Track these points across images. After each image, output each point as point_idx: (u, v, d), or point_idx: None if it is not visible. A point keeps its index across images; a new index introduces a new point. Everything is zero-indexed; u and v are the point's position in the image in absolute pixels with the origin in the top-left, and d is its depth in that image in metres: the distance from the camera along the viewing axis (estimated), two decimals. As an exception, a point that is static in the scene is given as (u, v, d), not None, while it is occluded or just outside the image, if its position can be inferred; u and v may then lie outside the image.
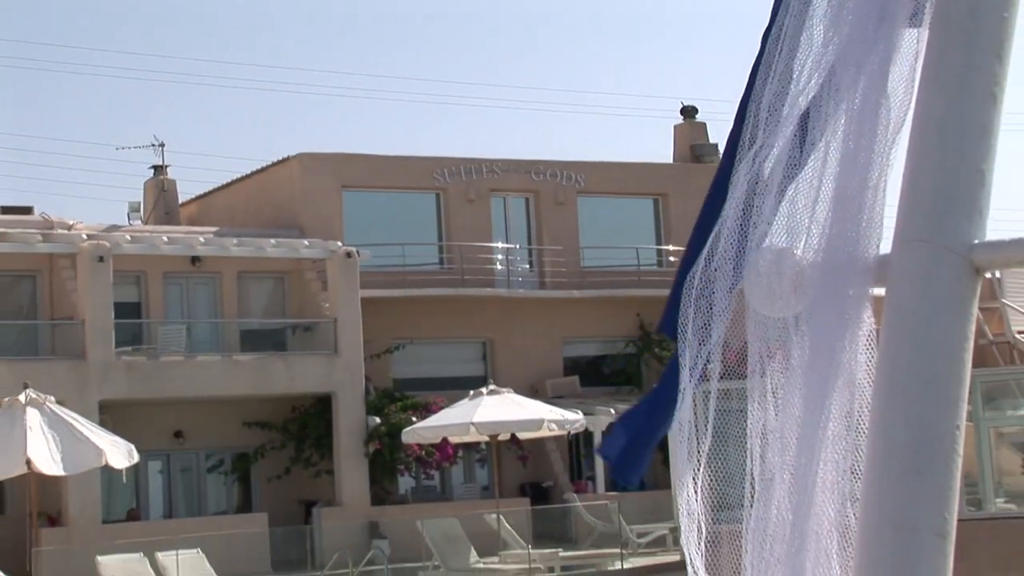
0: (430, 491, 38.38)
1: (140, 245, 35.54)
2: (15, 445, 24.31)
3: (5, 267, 34.91)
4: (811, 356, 2.20)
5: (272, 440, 36.29)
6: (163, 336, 35.40)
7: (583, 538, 32.70)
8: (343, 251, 36.86)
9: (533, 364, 39.86)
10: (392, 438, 35.25)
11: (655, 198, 43.99)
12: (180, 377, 34.61)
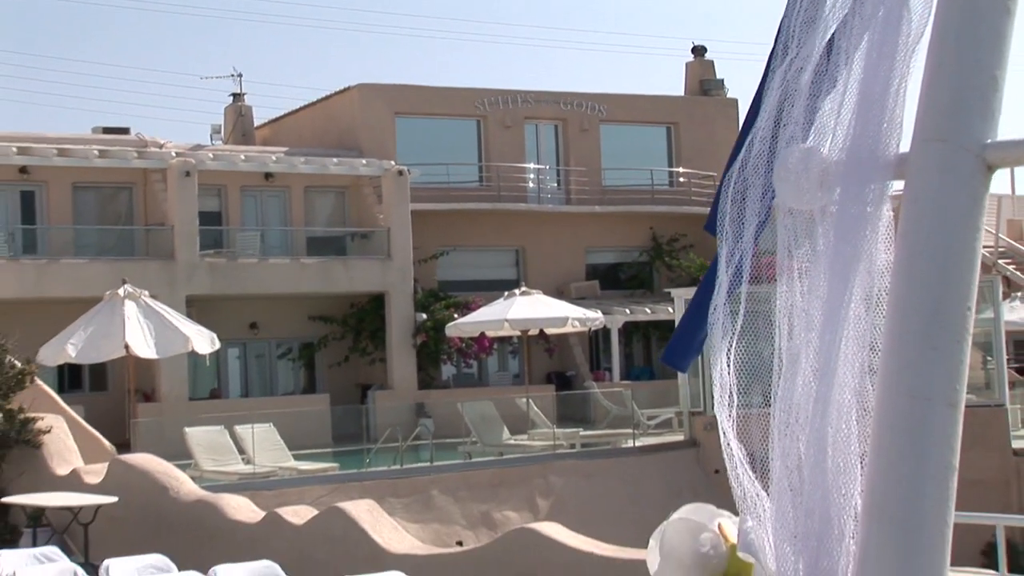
0: (469, 378, 38.54)
1: (221, 162, 35.64)
2: (115, 332, 24.47)
3: (106, 180, 35.07)
4: (835, 243, 2.14)
5: (333, 332, 36.53)
6: (240, 241, 35.51)
7: (600, 420, 32.78)
8: (395, 169, 36.93)
9: (559, 269, 39.98)
10: (437, 332, 35.44)
11: (668, 126, 43.96)
12: (254, 276, 34.76)
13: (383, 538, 16.85)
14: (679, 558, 2.30)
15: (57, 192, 34.35)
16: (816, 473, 2.12)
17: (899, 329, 2.06)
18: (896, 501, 2.04)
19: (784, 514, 2.15)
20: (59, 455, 21.00)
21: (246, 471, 24.20)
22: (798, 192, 2.16)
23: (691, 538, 2.32)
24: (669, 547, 2.33)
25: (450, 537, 22.41)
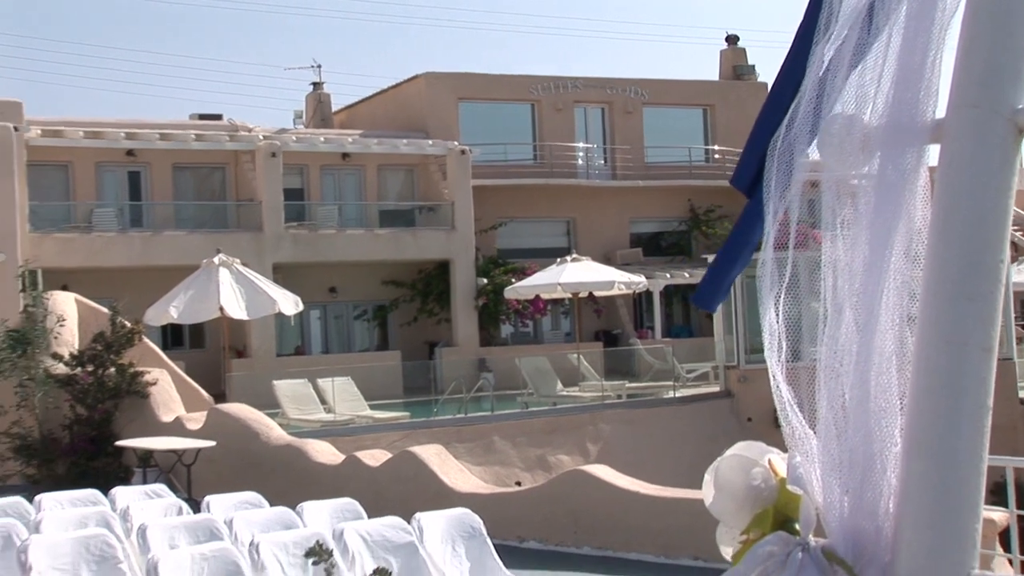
0: (525, 336, 38.56)
1: (303, 144, 35.73)
2: (211, 296, 24.60)
3: (201, 161, 35.24)
4: (876, 203, 2.10)
5: (404, 295, 36.58)
6: (320, 214, 35.63)
7: (643, 373, 32.69)
8: (458, 149, 36.92)
9: (606, 238, 39.87)
10: (496, 295, 35.44)
11: (704, 108, 43.70)
12: (333, 246, 34.87)
13: (450, 479, 16.90)
14: (732, 491, 2.26)
15: (159, 172, 34.57)
16: (860, 413, 2.09)
17: (936, 281, 2.02)
18: (935, 438, 2.00)
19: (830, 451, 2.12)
20: (164, 404, 21.18)
21: (327, 419, 24.31)
22: (841, 156, 2.13)
23: (743, 472, 2.28)
24: (723, 480, 2.30)
25: (509, 478, 22.46)
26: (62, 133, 32.57)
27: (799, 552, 2.11)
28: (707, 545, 10.82)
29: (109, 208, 33.42)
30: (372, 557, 8.59)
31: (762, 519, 2.19)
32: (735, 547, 2.26)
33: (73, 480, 17.39)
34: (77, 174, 33.64)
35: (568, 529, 15.62)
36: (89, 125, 33.53)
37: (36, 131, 31.79)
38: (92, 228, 32.58)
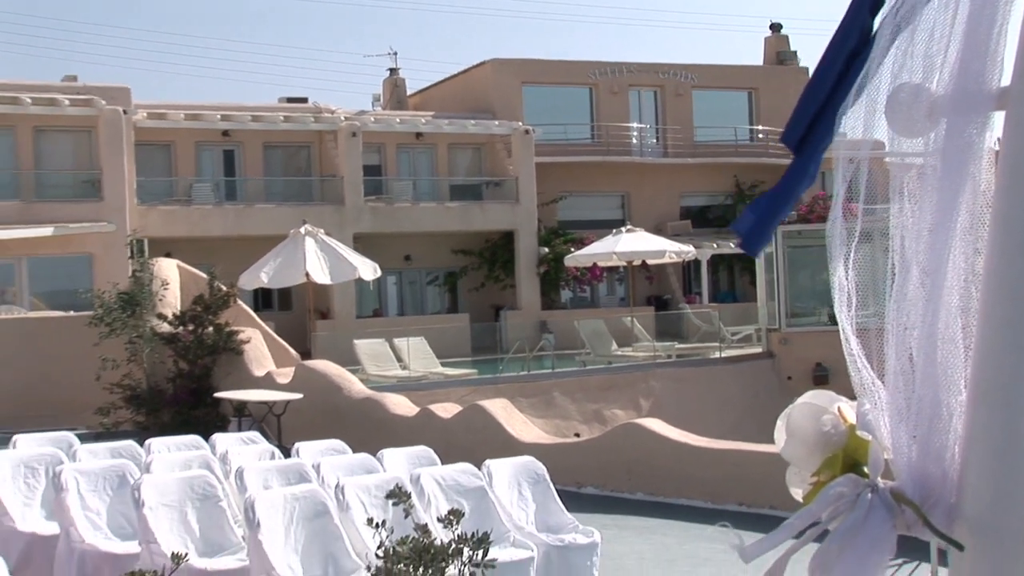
0: (583, 300, 38.53)
1: (380, 124, 35.79)
2: (298, 263, 24.71)
3: (289, 140, 35.42)
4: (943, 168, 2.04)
5: (472, 263, 36.64)
6: (396, 189, 35.72)
7: (691, 335, 32.57)
8: (522, 129, 36.88)
9: (658, 211, 39.73)
10: (557, 262, 35.43)
11: (749, 91, 43.37)
12: (408, 217, 34.96)
13: (515, 430, 16.91)
14: (803, 436, 2.22)
15: (251, 151, 34.79)
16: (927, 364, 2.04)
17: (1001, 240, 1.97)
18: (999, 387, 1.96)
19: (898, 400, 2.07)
20: (256, 360, 21.31)
21: (403, 375, 24.40)
22: (908, 123, 2.07)
23: (814, 419, 2.24)
24: (794, 427, 2.25)
25: (569, 430, 22.45)
26: (165, 115, 32.86)
27: (868, 493, 2.07)
28: (751, 492, 10.81)
29: (207, 183, 33.70)
30: (446, 500, 8.61)
31: (832, 462, 2.15)
32: (805, 489, 2.22)
33: (177, 427, 17.56)
34: (178, 152, 33.92)
35: (623, 477, 15.60)
36: (189, 108, 33.79)
37: (143, 114, 32.11)
38: (192, 201, 32.90)
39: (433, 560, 6.30)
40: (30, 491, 9.61)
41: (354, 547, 7.84)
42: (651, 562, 11.32)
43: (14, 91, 30.55)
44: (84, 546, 8.55)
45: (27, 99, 30.23)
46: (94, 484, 8.98)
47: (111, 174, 30.38)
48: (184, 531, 8.20)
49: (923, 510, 2.01)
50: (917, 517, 2.02)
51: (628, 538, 12.24)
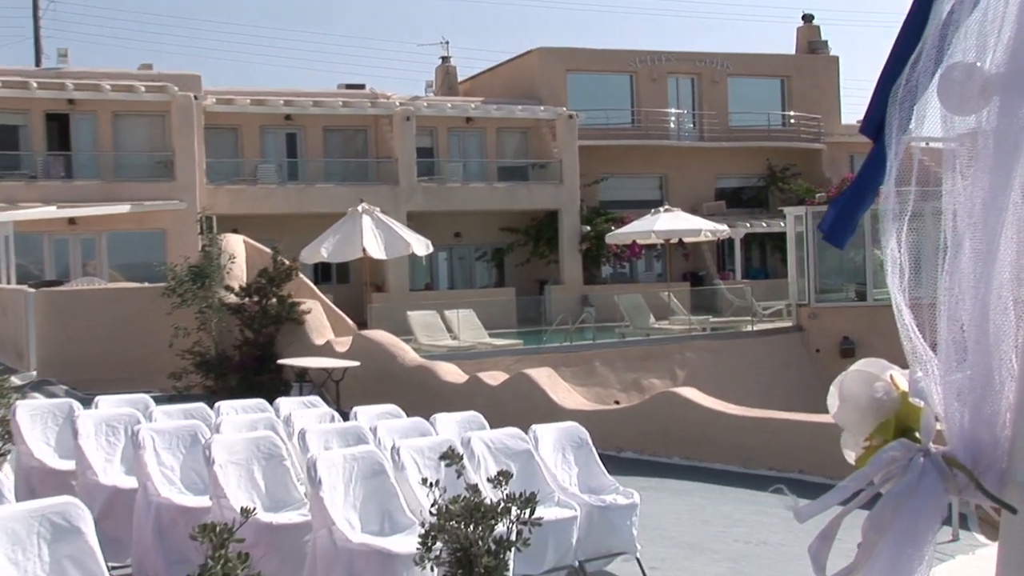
0: (622, 276, 38.44)
1: (433, 110, 35.79)
2: (355, 239, 24.75)
3: (347, 124, 35.50)
4: (995, 145, 1.98)
5: (518, 239, 36.63)
6: (447, 170, 35.71)
7: (725, 309, 32.40)
8: (567, 114, 36.77)
9: (694, 192, 39.52)
10: (598, 240, 35.36)
11: (782, 79, 43.00)
12: (458, 197, 34.98)
13: (558, 396, 16.89)
14: (855, 402, 2.17)
15: (312, 134, 34.89)
16: (979, 334, 1.98)
17: None
18: None
19: (950, 368, 2.02)
20: (317, 330, 21.40)
21: (453, 344, 24.42)
22: (961, 101, 2.01)
23: (866, 385, 2.18)
24: (847, 393, 2.20)
25: (609, 397, 22.41)
26: (233, 101, 33.03)
27: (921, 457, 2.02)
28: (781, 457, 10.71)
29: (271, 164, 33.84)
30: (495, 462, 8.60)
31: (884, 427, 2.11)
32: (858, 452, 2.17)
33: (243, 391, 17.66)
34: (244, 135, 34.07)
35: (660, 442, 15.55)
36: (255, 94, 33.92)
37: (212, 100, 32.27)
38: (256, 181, 33.06)
39: (483, 518, 6.30)
40: (111, 448, 9.70)
41: (408, 505, 7.85)
42: (686, 522, 11.28)
43: (95, 79, 30.80)
44: (160, 499, 8.62)
45: (107, 86, 30.49)
46: (168, 442, 9.05)
47: (183, 156, 30.57)
48: (251, 487, 8.24)
49: (975, 474, 1.96)
50: (969, 481, 1.98)
51: (665, 499, 12.21)
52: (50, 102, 30.48)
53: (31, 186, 29.46)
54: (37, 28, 46.56)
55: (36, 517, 6.04)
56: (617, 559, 8.98)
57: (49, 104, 30.53)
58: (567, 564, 8.39)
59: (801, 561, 8.35)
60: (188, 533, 7.99)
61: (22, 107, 30.34)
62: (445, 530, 6.30)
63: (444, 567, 6.39)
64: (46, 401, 11.07)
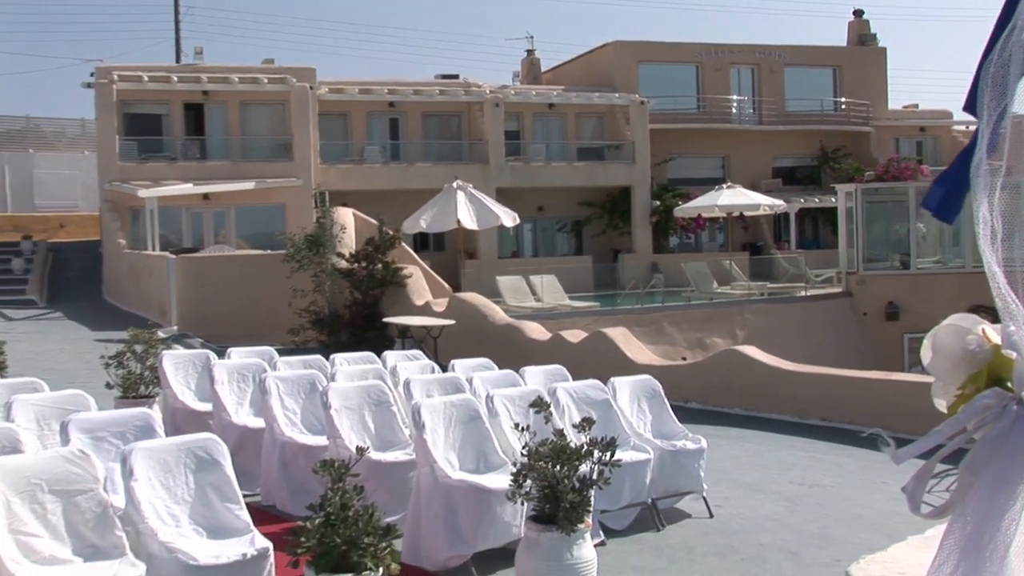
0: (688, 245, 38.00)
1: (519, 97, 35.63)
2: (450, 212, 24.78)
3: (443, 110, 35.45)
4: None
5: (595, 213, 36.37)
6: (532, 151, 35.53)
7: (780, 276, 31.96)
8: (639, 100, 36.39)
9: (753, 170, 38.93)
10: (666, 213, 35.05)
11: (834, 68, 42.05)
12: (541, 175, 34.85)
13: (631, 353, 16.80)
14: (948, 354, 2.08)
15: (412, 119, 34.94)
16: None
17: None
18: None
19: None
20: (417, 292, 21.52)
21: (537, 306, 24.41)
22: None
23: (959, 338, 2.09)
24: (940, 345, 2.11)
25: (676, 354, 22.26)
26: (343, 90, 33.18)
27: (1014, 405, 1.93)
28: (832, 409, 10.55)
29: (376, 146, 33.98)
30: (577, 410, 8.56)
31: (977, 378, 2.01)
32: (949, 400, 2.08)
33: (352, 346, 17.83)
34: (353, 121, 34.23)
35: (722, 394, 15.41)
36: (362, 84, 34.03)
37: (325, 89, 32.45)
38: (363, 161, 33.23)
39: (569, 459, 6.28)
40: (241, 393, 9.84)
41: (501, 446, 7.85)
42: (746, 466, 11.18)
43: (225, 73, 31.17)
44: (284, 438, 8.73)
45: (235, 79, 30.82)
46: (290, 389, 9.14)
47: (300, 139, 30.83)
48: (362, 429, 8.30)
49: (1066, 422, 1.87)
50: (1061, 427, 1.88)
51: (726, 445, 12.11)
52: (188, 94, 30.91)
53: (172, 166, 29.95)
54: (177, 30, 47.26)
55: (183, 450, 6.15)
56: (685, 497, 8.94)
57: (187, 95, 30.96)
58: (641, 501, 8.36)
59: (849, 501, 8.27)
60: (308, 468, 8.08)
61: (164, 98, 30.82)
62: (535, 469, 6.28)
63: (533, 502, 6.38)
64: (186, 352, 11.25)
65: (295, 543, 5.34)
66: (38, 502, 5.57)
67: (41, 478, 5.63)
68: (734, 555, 7.72)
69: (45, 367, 14.95)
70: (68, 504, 5.63)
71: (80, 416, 7.11)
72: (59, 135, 43.57)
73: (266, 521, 7.53)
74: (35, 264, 29.54)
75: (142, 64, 31.08)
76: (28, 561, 5.32)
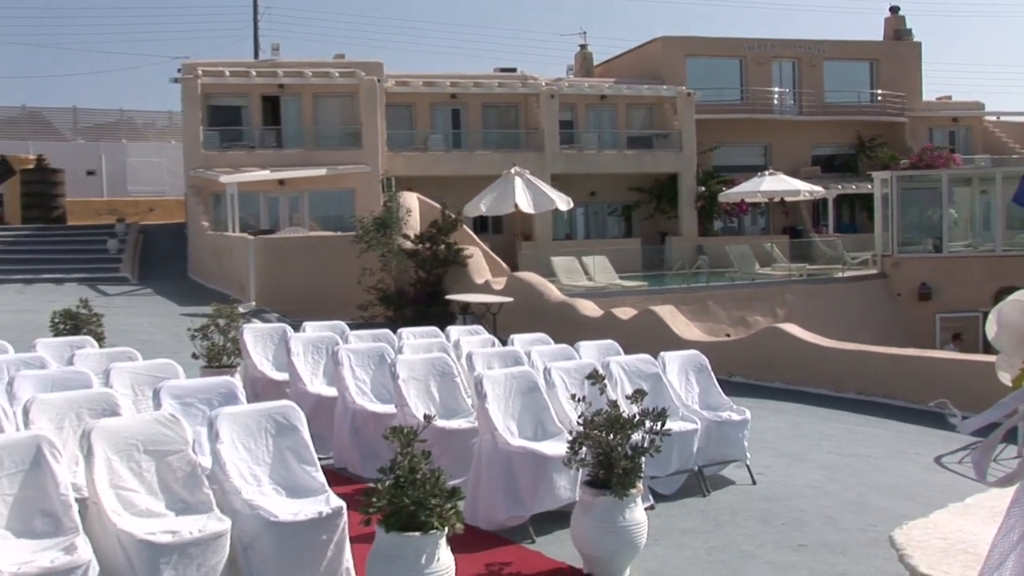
0: (731, 229, 37.57)
1: (573, 89, 35.44)
2: (508, 196, 24.79)
3: (501, 102, 35.34)
4: None
5: (643, 198, 36.12)
6: (584, 139, 35.34)
7: (819, 258, 31.61)
8: (685, 92, 36.02)
9: (793, 158, 38.39)
10: (711, 199, 34.73)
11: (871, 62, 41.29)
12: (593, 162, 34.66)
13: (679, 329, 16.70)
14: (1013, 328, 2.02)
15: (473, 110, 34.88)
16: None
17: None
18: None
19: None
20: (477, 271, 21.52)
21: (589, 285, 24.34)
22: None
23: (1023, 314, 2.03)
24: (1005, 319, 2.05)
25: (720, 331, 22.08)
26: (408, 83, 33.24)
27: (1078, 377, 1.87)
28: (867, 383, 10.45)
29: (439, 135, 33.99)
30: (629, 382, 8.52)
31: (1042, 351, 1.95)
32: (1014, 373, 2.02)
33: (417, 320, 17.89)
34: (417, 111, 34.28)
35: (764, 368, 15.29)
36: (426, 77, 34.07)
37: (391, 82, 32.52)
38: (427, 149, 33.27)
39: (622, 428, 6.26)
40: (315, 364, 9.91)
41: (557, 416, 7.83)
42: (786, 436, 11.10)
43: (299, 67, 31.35)
44: (355, 406, 8.78)
45: (308, 73, 31.00)
46: (361, 360, 9.19)
47: (368, 128, 30.93)
48: (427, 398, 8.32)
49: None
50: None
51: (768, 417, 12.01)
52: (265, 87, 31.13)
53: (250, 154, 30.22)
54: (256, 28, 47.80)
55: (264, 415, 6.21)
56: (730, 465, 8.89)
57: (264, 89, 31.18)
58: (688, 468, 8.32)
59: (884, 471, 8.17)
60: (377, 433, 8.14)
61: (244, 91, 31.06)
62: (590, 438, 6.27)
63: (588, 468, 6.37)
64: (265, 325, 11.35)
65: (367, 503, 5.37)
66: (134, 460, 5.67)
67: (137, 439, 5.73)
68: (776, 519, 7.66)
69: (137, 338, 15.20)
70: (161, 463, 5.72)
71: (170, 383, 7.21)
72: (149, 126, 44.25)
73: (338, 482, 7.59)
74: (128, 244, 30.02)
75: (224, 60, 31.35)
76: (127, 513, 5.43)
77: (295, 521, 5.53)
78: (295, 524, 5.52)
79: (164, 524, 5.36)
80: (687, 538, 7.18)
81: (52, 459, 5.31)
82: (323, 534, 5.59)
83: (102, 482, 5.48)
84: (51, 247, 29.39)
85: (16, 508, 5.16)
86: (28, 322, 17.82)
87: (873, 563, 6.61)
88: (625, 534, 6.19)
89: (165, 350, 12.87)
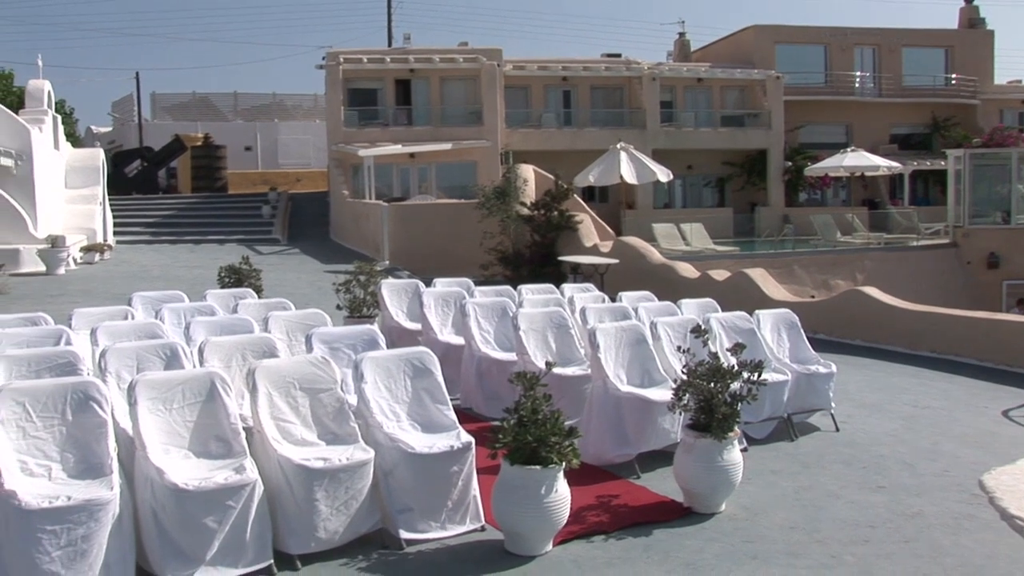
0: (815, 201, 36.37)
1: (672, 72, 34.68)
2: (614, 169, 24.45)
3: (608, 84, 34.76)
4: None
5: (736, 171, 35.26)
6: (683, 118, 34.58)
7: (895, 228, 30.37)
8: (775, 76, 34.87)
9: (873, 136, 37.00)
10: (797, 172, 33.70)
11: (946, 48, 39.23)
12: (691, 138, 33.94)
13: (768, 290, 16.24)
14: None
15: (582, 91, 34.42)
16: None
17: None
18: None
19: None
20: (586, 235, 21.33)
21: (686, 249, 23.94)
22: None
23: None
24: None
25: (805, 293, 21.43)
26: (524, 67, 32.94)
27: None
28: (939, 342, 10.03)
29: (551, 114, 33.68)
30: (727, 337, 8.30)
31: None
32: None
33: (532, 279, 17.82)
34: (532, 93, 34.01)
35: (846, 327, 14.78)
36: (540, 62, 33.73)
37: (509, 66, 32.29)
38: (541, 126, 33.01)
39: (723, 378, 6.12)
40: (445, 315, 9.91)
41: (662, 365, 7.66)
42: (866, 389, 10.73)
43: (428, 54, 31.39)
44: (480, 354, 8.76)
45: (436, 59, 31.01)
46: (485, 313, 9.15)
47: (488, 108, 30.83)
48: (545, 348, 8.23)
49: None
50: None
51: (849, 371, 11.62)
52: (397, 71, 31.29)
53: (384, 131, 30.47)
54: (390, 19, 48.03)
55: (402, 359, 6.20)
56: (816, 414, 8.68)
57: (397, 73, 31.35)
58: (779, 416, 8.11)
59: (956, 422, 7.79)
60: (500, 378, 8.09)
61: (379, 76, 31.29)
62: (693, 386, 6.14)
63: (690, 413, 6.24)
64: (399, 281, 11.42)
65: (494, 439, 5.34)
66: (291, 396, 5.73)
67: (293, 377, 5.79)
68: (857, 463, 7.47)
69: (287, 291, 15.52)
70: (313, 399, 5.77)
71: (320, 330, 7.28)
72: (297, 107, 45.08)
73: (465, 421, 7.58)
74: (279, 210, 30.74)
75: (362, 48, 31.60)
76: (286, 442, 5.51)
77: (430, 453, 5.53)
78: (430, 456, 5.52)
79: (317, 452, 5.42)
80: (777, 478, 7.01)
81: (224, 393, 5.42)
82: (454, 465, 5.58)
83: (264, 414, 5.57)
84: (215, 212, 30.36)
85: (195, 433, 5.29)
86: (199, 276, 18.43)
87: (945, 505, 6.46)
88: (723, 473, 6.08)
89: (311, 302, 13.09)
